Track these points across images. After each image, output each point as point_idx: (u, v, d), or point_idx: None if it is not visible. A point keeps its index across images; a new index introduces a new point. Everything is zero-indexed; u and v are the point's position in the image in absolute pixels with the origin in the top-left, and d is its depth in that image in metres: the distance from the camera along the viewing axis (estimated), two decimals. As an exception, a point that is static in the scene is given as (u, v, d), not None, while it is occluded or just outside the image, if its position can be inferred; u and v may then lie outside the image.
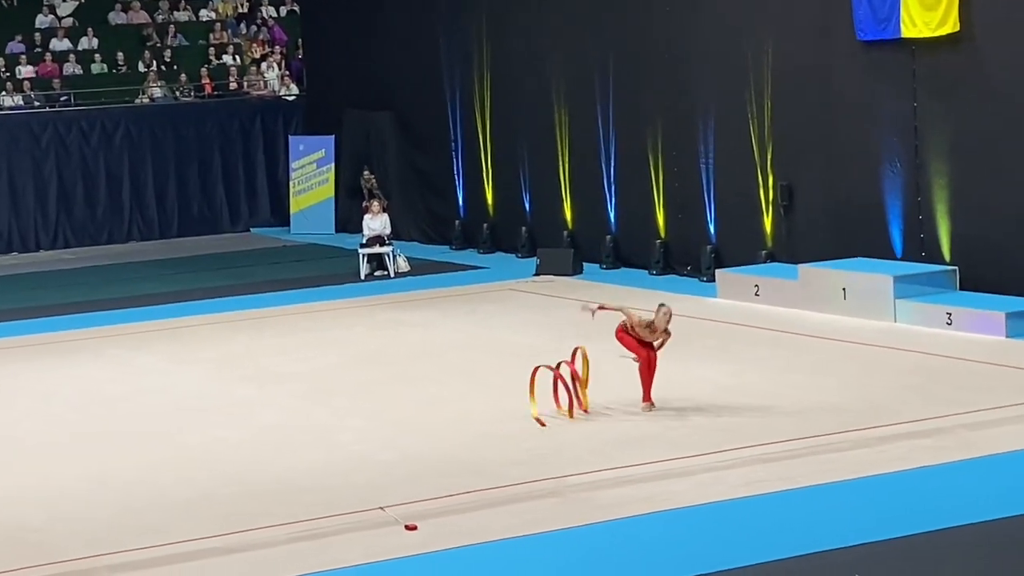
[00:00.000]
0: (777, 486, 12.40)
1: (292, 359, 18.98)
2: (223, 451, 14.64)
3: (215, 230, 33.03)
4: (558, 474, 13.02)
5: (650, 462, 13.22)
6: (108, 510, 12.87)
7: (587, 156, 25.34)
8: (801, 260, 20.96)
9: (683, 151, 23.50)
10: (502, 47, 27.25)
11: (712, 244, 23.07)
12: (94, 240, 32.14)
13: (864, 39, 20.42)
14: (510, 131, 27.22)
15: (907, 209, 20.23)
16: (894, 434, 13.80)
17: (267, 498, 12.89)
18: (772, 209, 22.16)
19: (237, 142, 33.43)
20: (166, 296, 24.53)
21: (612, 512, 11.96)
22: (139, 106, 33.23)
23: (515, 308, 21.81)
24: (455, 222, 28.56)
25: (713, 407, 15.21)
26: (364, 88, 31.10)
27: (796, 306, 20.16)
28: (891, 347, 17.68)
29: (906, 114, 20.12)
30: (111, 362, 19.46)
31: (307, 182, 32.54)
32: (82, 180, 32.15)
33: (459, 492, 12.63)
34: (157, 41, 35.08)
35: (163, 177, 32.72)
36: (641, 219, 24.36)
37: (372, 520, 12.04)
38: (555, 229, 25.89)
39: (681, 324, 19.78)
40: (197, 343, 20.45)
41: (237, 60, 35.28)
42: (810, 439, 13.75)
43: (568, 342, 18.92)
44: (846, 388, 15.77)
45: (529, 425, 14.87)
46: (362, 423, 15.46)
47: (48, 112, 32.35)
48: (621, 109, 24.58)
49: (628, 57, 24.30)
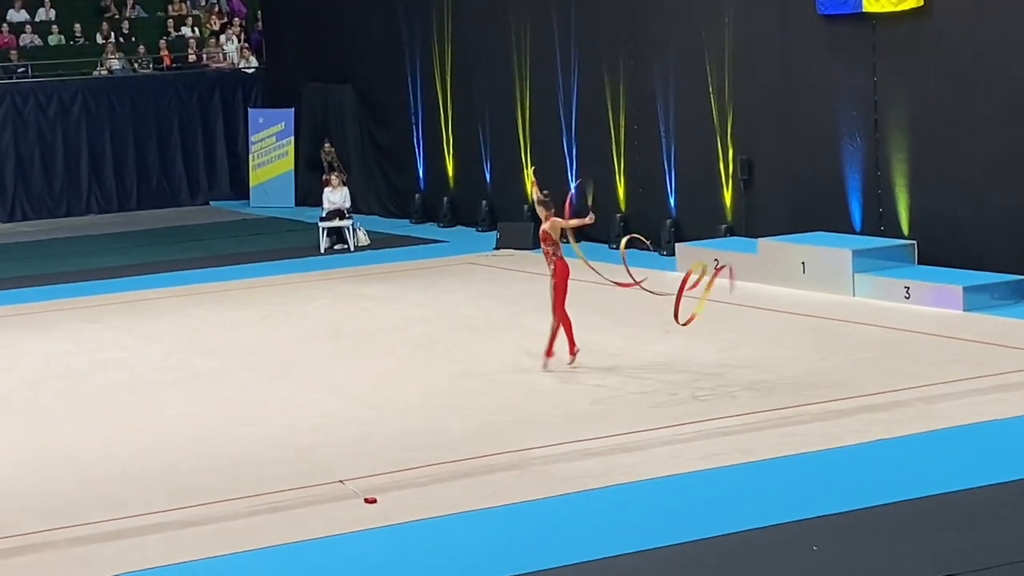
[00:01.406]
0: (735, 459, 12.45)
1: (252, 332, 18.95)
2: (182, 424, 14.60)
3: (174, 203, 32.92)
4: (518, 447, 13.04)
5: (609, 435, 13.26)
6: (66, 483, 12.83)
7: (548, 129, 25.33)
8: (761, 234, 21.02)
9: (643, 125, 23.51)
10: (463, 19, 27.19)
11: (672, 218, 23.11)
12: (52, 213, 31.99)
13: (825, 13, 20.46)
14: (470, 104, 27.19)
15: (866, 183, 20.31)
16: (852, 407, 13.87)
17: (227, 471, 12.88)
18: (732, 183, 22.21)
19: (196, 115, 33.29)
20: (125, 269, 24.44)
21: (572, 485, 11.99)
22: (97, 78, 33.05)
23: (475, 282, 21.81)
24: (415, 196, 28.53)
25: (671, 381, 15.25)
26: (324, 61, 31.00)
27: (755, 280, 20.20)
28: (850, 321, 17.76)
29: (866, 88, 20.18)
30: (69, 335, 19.38)
31: (266, 155, 32.43)
32: (39, 153, 31.98)
33: (419, 465, 12.64)
34: (115, 13, 34.89)
35: (122, 150, 32.56)
36: (601, 193, 24.33)
37: (331, 493, 12.04)
38: (516, 203, 25.88)
39: (640, 298, 19.87)
40: (156, 316, 20.39)
41: (196, 32, 35.12)
42: (768, 412, 13.81)
43: (528, 317, 19.01)
44: (804, 361, 15.83)
45: (488, 399, 14.89)
46: (322, 396, 15.45)
47: (5, 84, 32.13)
48: (582, 82, 24.57)
49: (589, 30, 24.30)
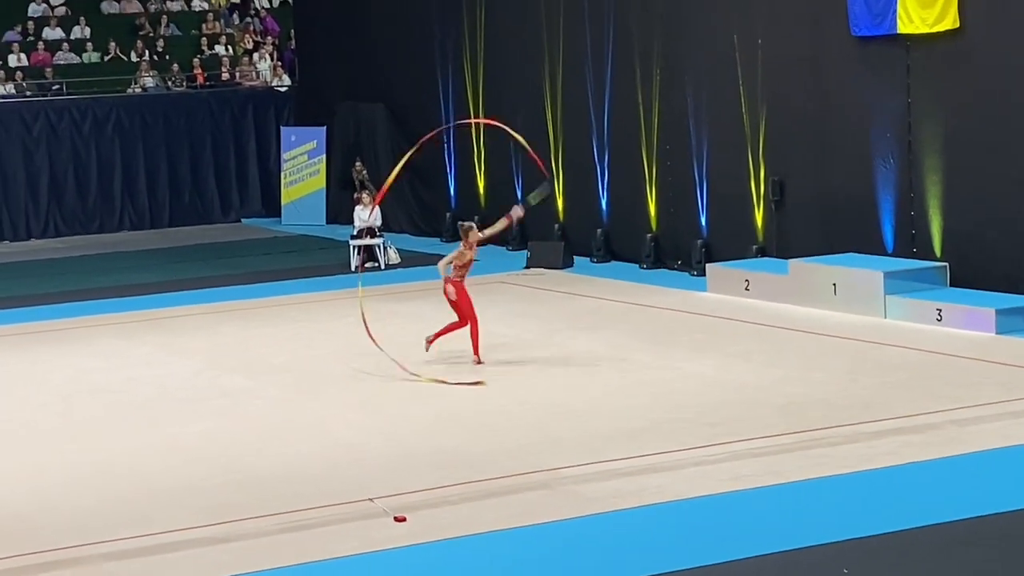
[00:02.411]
0: (765, 481, 12.41)
1: (282, 350, 18.98)
2: (213, 441, 14.63)
3: (206, 220, 33.04)
4: (548, 467, 13.02)
5: (639, 456, 13.23)
6: (97, 499, 12.86)
7: (580, 148, 25.34)
8: (792, 255, 20.97)
9: (676, 145, 23.50)
10: (495, 38, 27.25)
11: (703, 238, 23.08)
12: (85, 229, 32.14)
13: (859, 34, 20.42)
14: (502, 123, 27.16)
15: (899, 205, 20.24)
16: (883, 430, 13.81)
17: (256, 488, 12.89)
18: (763, 204, 22.17)
19: (229, 133, 33.41)
20: (157, 286, 24.51)
21: (601, 505, 11.97)
22: (131, 96, 33.21)
23: (505, 300, 21.81)
24: (446, 214, 28.56)
25: (702, 401, 15.21)
26: (356, 79, 31.08)
27: (786, 301, 20.17)
28: (881, 343, 17.70)
29: (900, 109, 20.12)
30: (101, 351, 19.45)
31: (298, 173, 32.52)
32: (73, 169, 32.13)
33: (448, 484, 12.63)
34: (150, 31, 35.05)
35: (154, 167, 32.70)
36: (632, 212, 24.38)
37: (361, 511, 12.04)
38: (546, 222, 25.90)
39: (671, 318, 19.87)
40: (187, 333, 20.44)
41: (229, 50, 35.26)
42: (798, 434, 13.76)
43: (559, 336, 19.00)
44: (835, 383, 15.78)
45: (518, 418, 14.88)
46: (352, 414, 15.46)
47: (40, 101, 32.32)
48: (615, 101, 24.57)
49: (622, 50, 24.29)
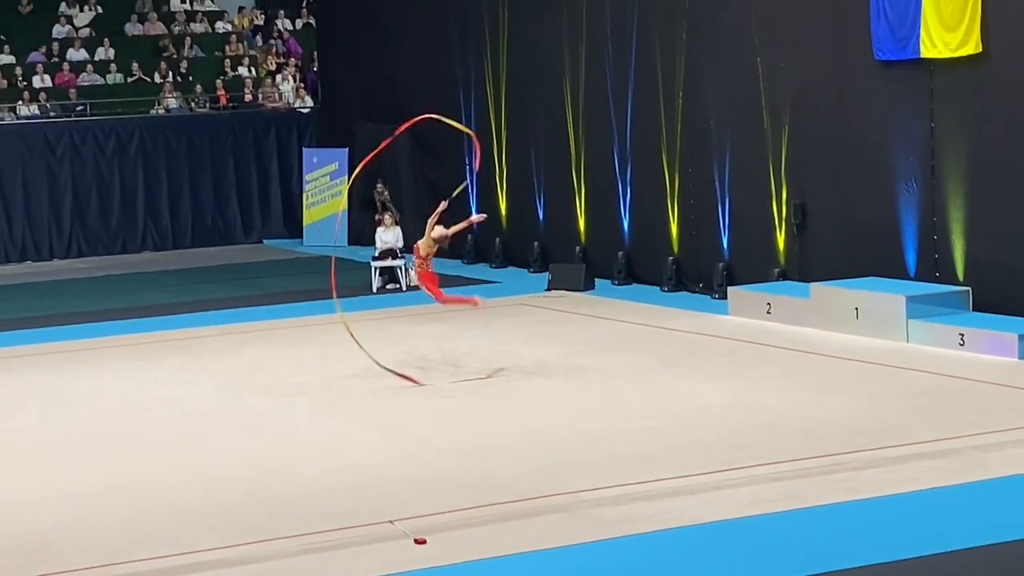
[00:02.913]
0: (785, 505, 12.37)
1: (303, 371, 18.99)
2: (233, 462, 14.64)
3: (228, 241, 33.13)
4: (567, 490, 13.01)
5: (659, 479, 13.20)
6: (116, 518, 12.88)
7: (601, 170, 25.35)
8: (814, 278, 20.94)
9: (698, 167, 23.49)
10: (517, 61, 27.30)
11: (725, 261, 23.06)
12: (108, 250, 32.25)
13: (882, 59, 20.40)
14: (524, 145, 27.26)
15: (922, 229, 20.19)
16: (905, 455, 13.76)
17: (277, 509, 12.89)
18: (785, 227, 22.15)
19: (251, 154, 33.52)
20: (179, 306, 24.57)
21: (620, 529, 11.95)
22: (154, 117, 33.34)
23: (527, 322, 21.81)
24: (467, 236, 28.56)
25: (722, 425, 15.18)
26: (378, 101, 31.16)
27: (808, 324, 20.13)
28: (903, 367, 17.65)
29: (923, 134, 20.09)
30: (123, 371, 19.49)
31: (320, 194, 32.59)
32: (96, 190, 32.25)
33: (468, 506, 12.62)
34: (173, 52, 35.19)
35: (177, 188, 32.82)
36: (654, 235, 24.37)
37: (381, 533, 12.03)
38: (568, 244, 25.91)
39: (692, 341, 19.85)
40: (209, 354, 20.48)
41: (252, 72, 35.38)
42: (819, 458, 13.71)
43: (580, 357, 18.99)
44: (857, 407, 15.73)
45: (538, 440, 14.86)
46: (372, 436, 15.46)
47: (64, 121, 32.44)
48: (637, 124, 24.58)
49: (644, 72, 24.31)
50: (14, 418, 17.08)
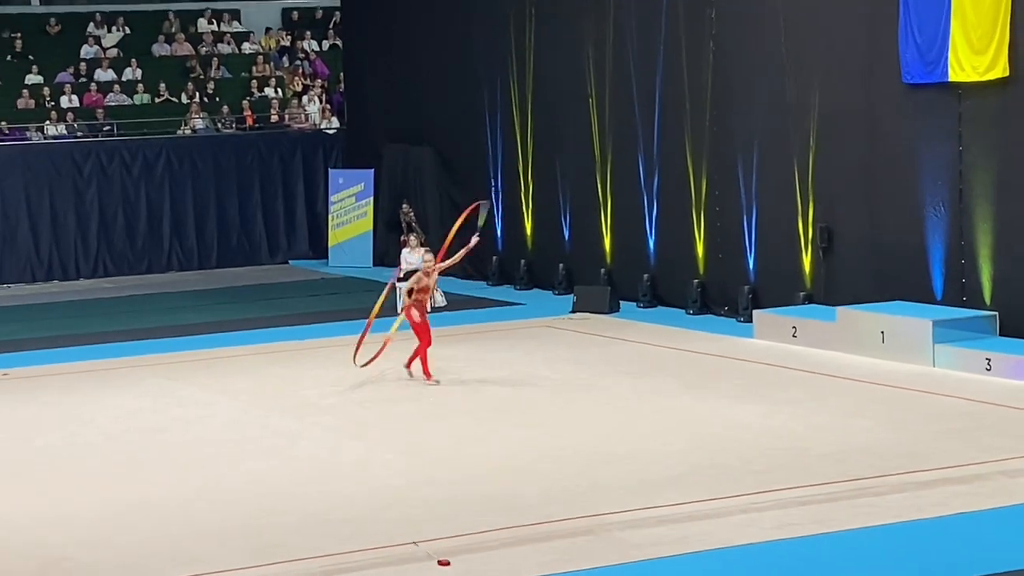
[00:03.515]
0: (811, 529, 12.32)
1: (328, 392, 19.00)
2: (258, 482, 14.65)
3: (254, 261, 33.20)
4: (593, 512, 12.98)
5: (684, 502, 13.17)
6: (143, 539, 12.88)
7: (627, 193, 25.33)
8: (840, 302, 20.88)
9: (725, 190, 23.46)
10: (543, 83, 27.32)
11: (750, 284, 23.00)
12: (134, 269, 32.35)
13: (910, 82, 20.37)
14: (551, 167, 27.27)
15: (949, 253, 20.12)
16: (931, 479, 13.70)
17: (301, 530, 12.89)
18: (812, 250, 22.09)
19: (277, 174, 33.60)
20: (204, 326, 24.60)
21: (646, 552, 11.91)
22: (181, 137, 33.45)
23: (551, 345, 21.79)
24: (492, 258, 28.59)
25: (747, 448, 15.13)
26: (404, 123, 31.22)
27: (834, 348, 20.07)
28: (929, 392, 17.58)
29: (951, 157, 20.03)
30: (148, 391, 19.52)
31: (346, 215, 32.65)
32: (123, 209, 32.37)
33: (493, 528, 12.60)
34: (200, 73, 35.31)
35: (203, 208, 32.92)
36: (679, 258, 24.33)
37: (405, 555, 12.02)
38: (593, 266, 25.89)
39: (717, 364, 19.81)
40: (234, 374, 20.50)
41: (279, 93, 35.48)
42: (846, 483, 13.66)
43: (605, 380, 18.96)
44: (883, 432, 15.68)
45: (563, 463, 14.83)
46: (397, 457, 15.45)
47: (91, 141, 32.57)
48: (664, 147, 24.56)
49: (672, 95, 24.29)
50: (39, 438, 17.11)
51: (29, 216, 31.70)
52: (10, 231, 31.59)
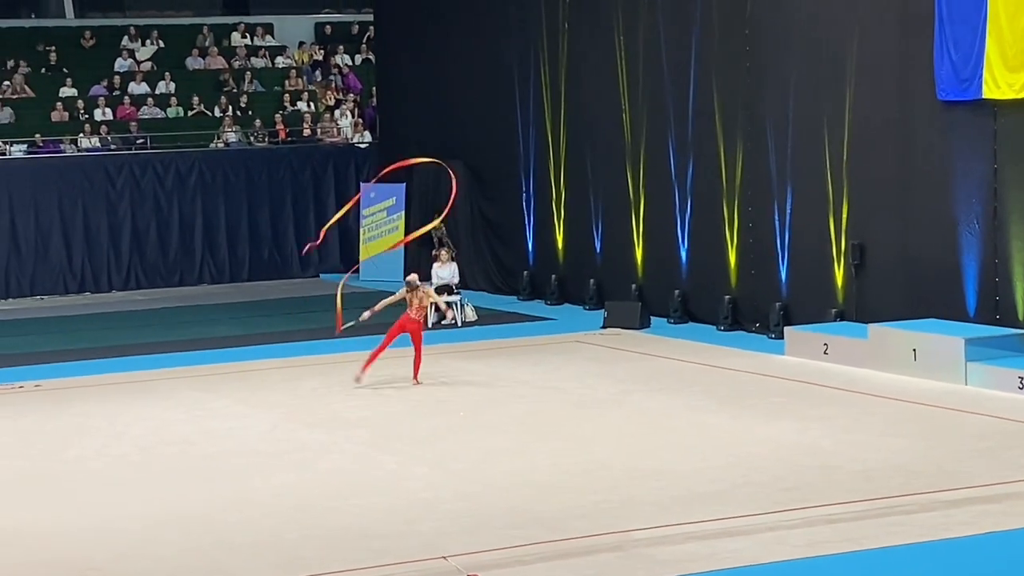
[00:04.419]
0: (842, 547, 12.28)
1: (359, 405, 19.03)
2: (289, 495, 14.67)
3: (285, 275, 33.30)
4: (621, 528, 12.96)
5: (714, 519, 13.14)
6: (174, 550, 12.91)
7: (660, 208, 25.30)
8: (872, 319, 20.81)
9: (758, 206, 23.40)
10: (576, 98, 27.33)
11: (782, 300, 22.94)
12: (166, 282, 32.47)
13: (945, 99, 20.30)
14: (582, 181, 27.27)
15: (983, 271, 20.04)
16: (962, 498, 13.64)
17: (331, 543, 12.90)
18: (844, 267, 22.03)
19: (309, 188, 33.70)
20: (236, 339, 24.67)
21: (674, 568, 11.89)
22: (214, 150, 33.57)
23: (582, 360, 21.77)
24: (523, 272, 28.60)
25: (778, 466, 15.09)
26: (436, 137, 31.26)
27: (865, 366, 20.02)
28: (961, 410, 17.51)
29: (985, 175, 19.95)
30: (180, 403, 19.57)
31: (377, 229, 32.70)
32: (155, 222, 32.50)
33: (522, 543, 12.60)
34: (233, 87, 35.43)
35: (235, 221, 33.03)
36: (711, 273, 24.30)
37: (435, 569, 12.02)
38: (624, 281, 25.87)
39: (748, 380, 19.77)
40: (266, 387, 20.54)
41: (311, 107, 35.57)
42: (876, 500, 13.62)
43: (635, 396, 18.94)
44: (914, 450, 15.61)
45: (592, 478, 14.81)
46: (427, 471, 15.45)
47: (124, 154, 32.70)
48: (697, 161, 24.53)
49: (706, 111, 24.27)
50: (71, 449, 17.16)
51: (62, 228, 31.85)
52: (43, 243, 31.74)
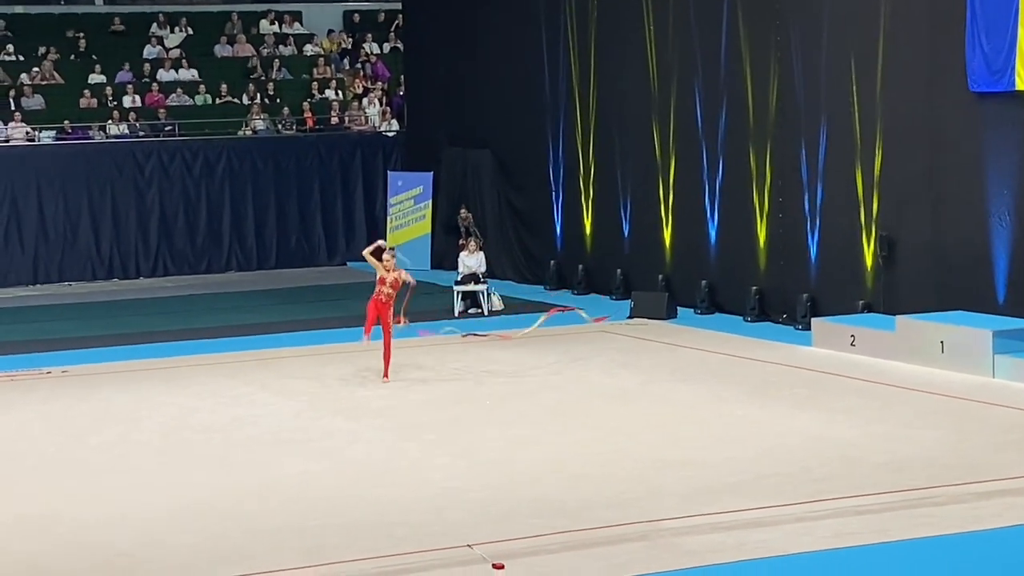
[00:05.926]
0: (869, 539, 12.24)
1: (384, 393, 19.03)
2: (314, 482, 14.68)
3: (312, 263, 33.35)
4: (648, 518, 12.93)
5: (741, 510, 13.10)
6: (198, 537, 12.93)
7: (689, 198, 25.24)
8: (901, 311, 20.73)
9: (788, 197, 23.31)
10: (605, 87, 27.28)
11: (809, 292, 22.86)
12: (193, 269, 32.54)
13: (976, 90, 20.20)
14: (610, 171, 27.22)
15: (1013, 263, 19.93)
16: (989, 491, 13.58)
17: (355, 531, 12.90)
18: (873, 259, 21.94)
19: (336, 176, 33.73)
20: (262, 327, 24.70)
21: (701, 559, 11.86)
22: (241, 138, 33.61)
23: (608, 350, 21.74)
24: (550, 262, 28.57)
25: (805, 457, 15.04)
26: (463, 126, 31.26)
27: (892, 358, 19.94)
28: (988, 402, 17.43)
29: (1017, 166, 19.84)
30: (206, 390, 19.61)
31: (404, 218, 32.71)
32: (183, 209, 32.57)
33: (547, 532, 12.58)
34: (261, 74, 35.47)
35: (263, 209, 33.08)
36: (738, 264, 24.23)
37: (459, 557, 12.01)
38: (651, 272, 25.82)
39: (775, 372, 19.71)
40: (291, 374, 20.56)
41: (339, 95, 35.58)
42: (903, 492, 13.56)
43: (661, 386, 18.91)
44: (941, 442, 15.55)
45: (618, 468, 14.78)
46: (452, 460, 15.45)
47: (152, 142, 32.78)
48: (727, 152, 24.44)
49: (734, 101, 24.19)
50: (96, 435, 17.21)
51: (91, 215, 31.94)
52: (72, 230, 31.83)
